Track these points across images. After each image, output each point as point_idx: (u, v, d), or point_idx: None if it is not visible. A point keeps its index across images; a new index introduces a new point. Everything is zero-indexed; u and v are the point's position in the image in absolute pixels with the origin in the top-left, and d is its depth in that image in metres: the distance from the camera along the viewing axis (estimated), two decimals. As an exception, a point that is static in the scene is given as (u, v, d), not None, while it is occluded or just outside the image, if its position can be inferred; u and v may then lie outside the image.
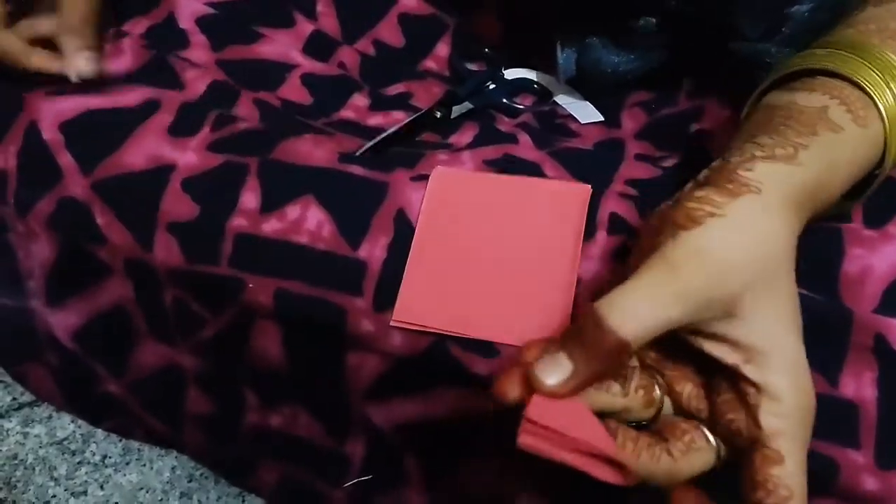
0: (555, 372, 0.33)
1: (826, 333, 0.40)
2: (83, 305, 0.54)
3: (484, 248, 0.46)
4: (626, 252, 0.45)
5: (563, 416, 0.32)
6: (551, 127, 0.59)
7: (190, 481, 0.62)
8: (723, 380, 0.35)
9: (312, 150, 0.49)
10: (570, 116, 0.61)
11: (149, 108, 0.50)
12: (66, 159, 0.50)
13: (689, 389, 0.36)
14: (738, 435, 0.34)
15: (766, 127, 0.37)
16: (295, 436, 0.53)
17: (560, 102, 0.61)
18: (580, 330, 0.33)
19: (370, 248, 0.46)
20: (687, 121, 0.56)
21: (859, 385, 0.40)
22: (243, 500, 0.62)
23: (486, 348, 0.44)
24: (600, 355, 0.32)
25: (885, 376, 0.39)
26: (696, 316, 0.33)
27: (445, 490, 0.50)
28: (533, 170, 0.50)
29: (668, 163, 0.52)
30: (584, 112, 0.60)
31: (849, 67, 0.38)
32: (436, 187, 0.47)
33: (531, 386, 0.33)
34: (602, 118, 0.60)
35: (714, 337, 0.34)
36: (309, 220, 0.47)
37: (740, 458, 0.34)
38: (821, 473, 0.40)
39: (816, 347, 0.35)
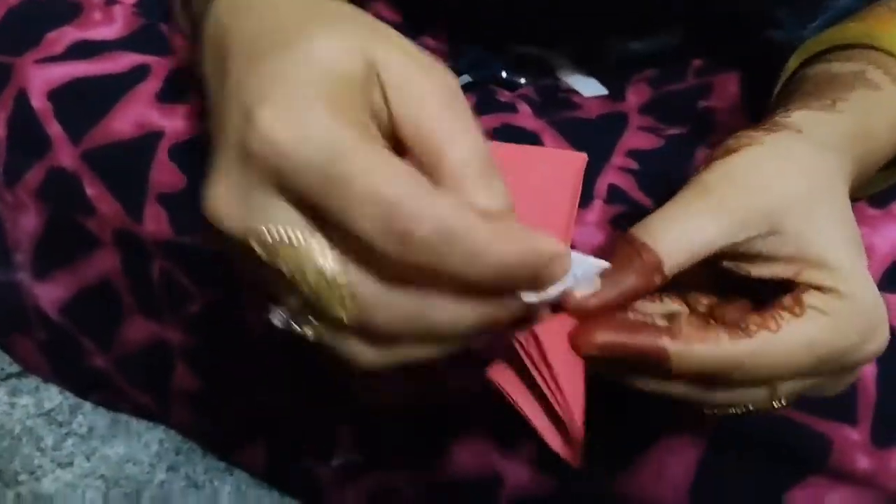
0: (582, 286, 0.30)
1: None
2: (70, 278, 0.53)
3: None
4: (624, 222, 0.44)
5: (557, 356, 0.29)
6: (553, 100, 0.58)
7: (177, 454, 0.62)
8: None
9: None
10: (573, 91, 0.60)
11: (138, 74, 0.49)
12: (54, 129, 0.49)
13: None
14: None
15: (801, 91, 0.37)
16: (282, 412, 0.53)
17: (563, 77, 0.61)
18: (613, 250, 0.31)
19: None
20: (694, 97, 0.55)
21: None
22: (231, 474, 0.61)
23: None
24: (631, 274, 0.30)
25: (885, 354, 0.39)
26: (735, 235, 0.31)
27: (433, 469, 0.50)
28: (531, 139, 0.49)
29: (673, 132, 0.52)
30: (588, 86, 0.59)
31: (883, 40, 0.38)
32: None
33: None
34: (606, 91, 0.59)
35: (760, 257, 0.32)
36: None
37: None
38: (814, 451, 0.40)
39: None
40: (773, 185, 0.31)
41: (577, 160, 0.46)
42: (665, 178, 0.39)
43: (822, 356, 0.30)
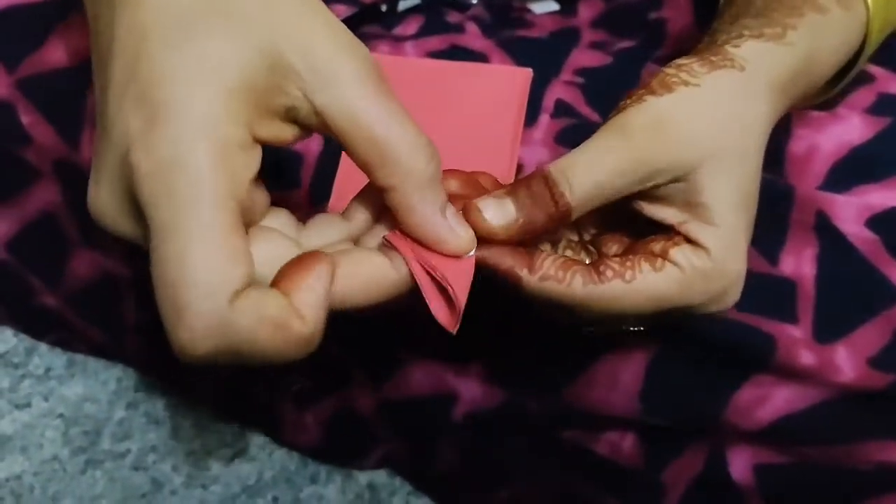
0: (497, 213, 0.32)
1: (769, 212, 0.40)
2: (13, 213, 0.52)
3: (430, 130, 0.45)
4: (570, 135, 0.44)
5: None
6: (504, 19, 0.57)
7: (136, 391, 0.62)
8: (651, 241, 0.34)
9: None
10: (526, 9, 0.59)
11: (70, 2, 0.48)
12: None
13: (615, 251, 0.36)
14: None
15: (751, 9, 0.36)
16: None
17: None
18: (529, 185, 0.32)
19: (306, 142, 0.45)
20: (646, 8, 0.54)
21: (799, 262, 0.40)
22: (192, 409, 0.61)
23: None
24: (543, 214, 0.32)
25: (825, 253, 0.40)
26: (644, 184, 0.32)
27: (389, 391, 0.50)
28: (478, 59, 0.49)
29: (623, 45, 0.51)
30: (540, 3, 0.58)
31: None
32: None
33: (469, 219, 0.31)
34: (558, 7, 0.58)
35: (657, 199, 0.33)
36: None
37: None
38: (759, 349, 0.40)
39: (758, 227, 0.34)
40: (696, 138, 0.32)
41: (522, 76, 0.45)
42: (613, 94, 0.39)
43: (665, 310, 0.33)
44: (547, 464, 0.49)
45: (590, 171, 0.32)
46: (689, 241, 0.33)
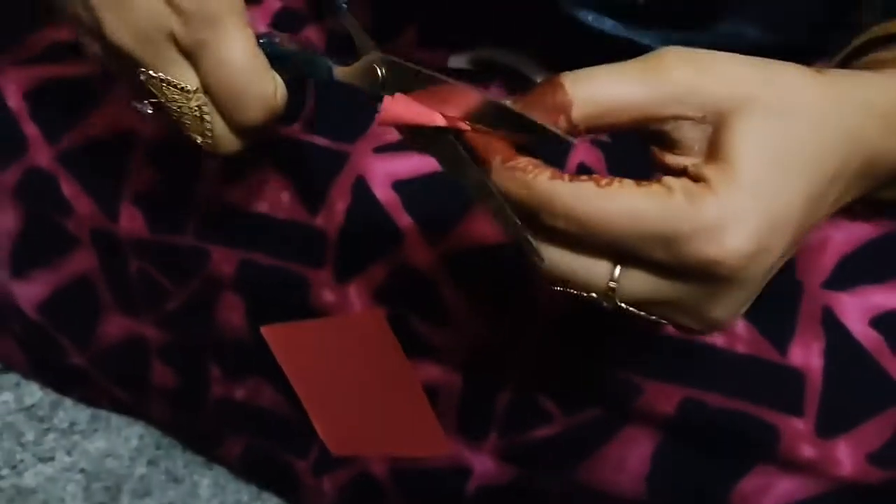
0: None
1: (778, 302, 0.41)
2: (49, 277, 0.54)
3: (341, 382, 0.50)
4: None
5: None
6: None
7: (157, 448, 0.63)
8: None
9: None
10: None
11: (110, 76, 0.50)
12: (31, 129, 0.50)
13: None
14: None
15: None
16: (259, 407, 0.54)
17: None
18: (538, 88, 0.29)
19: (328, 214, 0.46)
20: None
21: (807, 354, 0.41)
22: (210, 468, 0.63)
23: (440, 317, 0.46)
24: (536, 109, 0.28)
25: (832, 347, 0.41)
26: (662, 107, 0.28)
27: (407, 459, 0.51)
28: None
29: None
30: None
31: None
32: (278, 348, 0.50)
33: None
34: None
35: (675, 145, 0.29)
36: (269, 187, 0.47)
37: None
38: (763, 440, 0.41)
39: (768, 316, 0.35)
40: (737, 75, 0.28)
41: (376, 318, 0.47)
42: (633, 157, 0.34)
43: (643, 233, 0.27)
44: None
45: (600, 79, 0.28)
46: (695, 178, 0.28)
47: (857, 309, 0.40)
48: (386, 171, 0.46)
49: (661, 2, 0.44)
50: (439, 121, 0.30)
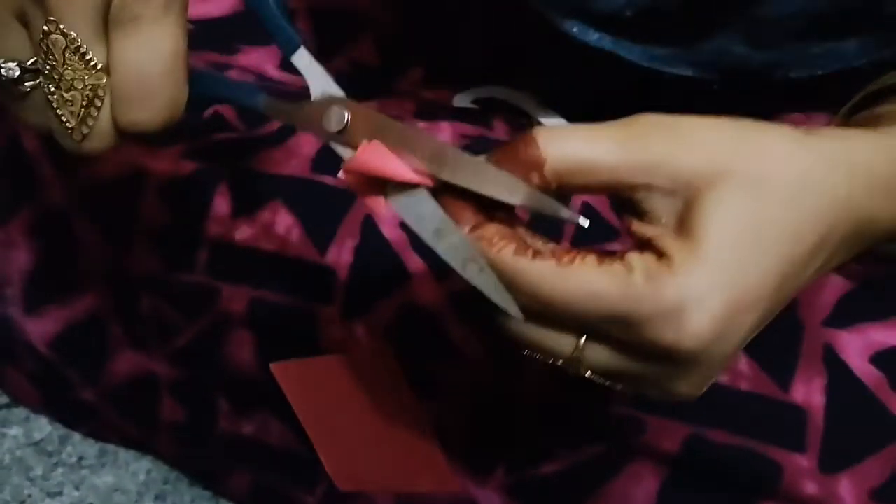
0: None
1: (780, 340, 0.41)
2: (60, 313, 0.55)
3: (349, 418, 0.50)
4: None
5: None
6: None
7: (165, 483, 0.63)
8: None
9: (284, 159, 0.50)
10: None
11: None
12: (45, 168, 0.51)
13: None
14: None
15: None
16: (267, 443, 0.54)
17: (536, 118, 0.62)
18: (511, 143, 0.29)
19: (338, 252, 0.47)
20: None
21: (809, 391, 0.42)
22: (218, 503, 0.63)
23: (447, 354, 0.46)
24: (510, 165, 0.28)
25: (833, 384, 0.41)
26: (633, 175, 0.28)
27: (412, 495, 0.52)
28: None
29: None
30: (548, 119, 0.60)
31: None
32: (286, 385, 0.50)
33: None
34: (565, 123, 0.60)
35: (646, 216, 0.29)
36: (278, 225, 0.48)
37: None
38: (766, 477, 0.41)
39: (770, 353, 0.36)
40: (711, 144, 0.28)
41: (387, 357, 0.47)
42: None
43: (601, 314, 0.27)
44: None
45: (574, 138, 0.28)
46: (658, 253, 0.28)
47: (857, 346, 0.40)
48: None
49: (647, 13, 0.44)
50: (410, 177, 0.30)
